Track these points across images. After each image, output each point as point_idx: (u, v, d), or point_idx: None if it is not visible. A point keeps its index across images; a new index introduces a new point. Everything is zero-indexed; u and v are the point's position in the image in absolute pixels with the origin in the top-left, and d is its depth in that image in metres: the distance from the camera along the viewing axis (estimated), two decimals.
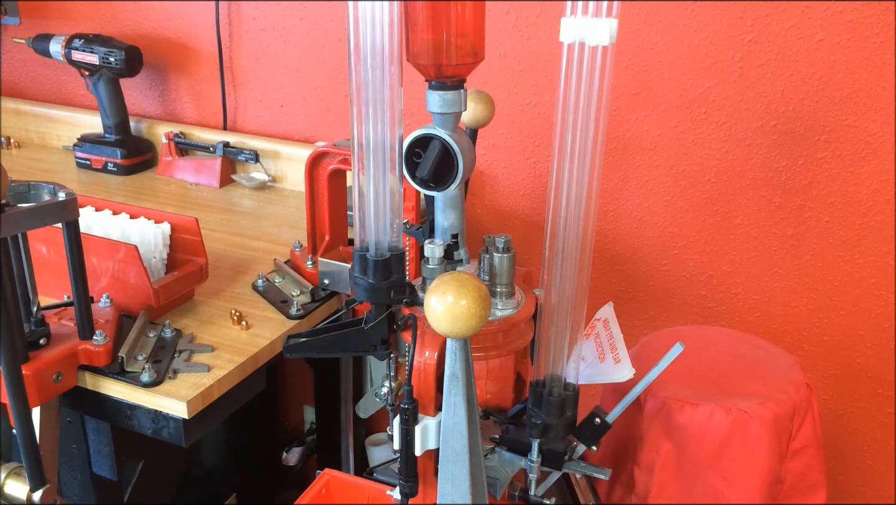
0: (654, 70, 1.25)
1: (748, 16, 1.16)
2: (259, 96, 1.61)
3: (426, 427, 0.72)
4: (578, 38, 0.62)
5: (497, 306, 0.77)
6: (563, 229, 0.69)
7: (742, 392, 0.93)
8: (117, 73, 1.56)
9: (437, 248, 0.72)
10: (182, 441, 0.96)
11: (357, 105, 0.66)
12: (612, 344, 0.79)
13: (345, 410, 1.38)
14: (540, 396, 0.75)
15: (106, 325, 0.99)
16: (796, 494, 0.95)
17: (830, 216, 1.22)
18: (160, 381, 0.96)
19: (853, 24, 1.11)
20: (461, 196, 0.80)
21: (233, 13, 1.56)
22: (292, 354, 0.75)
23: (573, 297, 0.71)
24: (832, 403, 1.32)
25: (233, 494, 1.53)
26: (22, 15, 1.79)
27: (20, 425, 0.86)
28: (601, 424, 0.77)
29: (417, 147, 0.75)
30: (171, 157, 1.61)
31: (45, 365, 0.92)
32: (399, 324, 0.75)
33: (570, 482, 1.00)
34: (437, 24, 0.69)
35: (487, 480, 0.73)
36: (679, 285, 1.36)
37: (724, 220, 1.28)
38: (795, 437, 0.93)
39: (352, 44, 0.64)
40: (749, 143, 1.23)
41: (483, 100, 0.85)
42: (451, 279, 0.60)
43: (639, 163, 1.31)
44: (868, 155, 1.16)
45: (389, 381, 0.82)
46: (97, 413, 1.02)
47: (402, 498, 0.75)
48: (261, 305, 1.15)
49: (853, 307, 1.25)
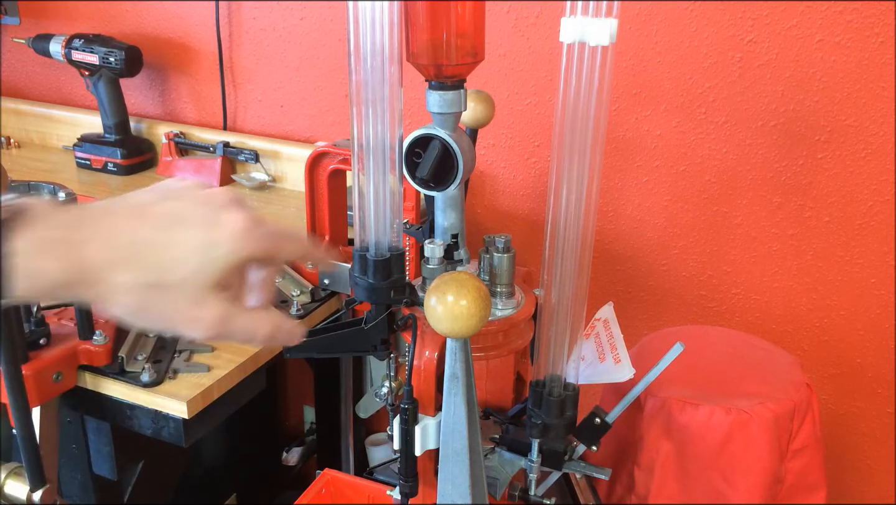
0: (654, 70, 1.24)
1: (748, 16, 1.16)
2: (259, 96, 1.61)
3: (426, 427, 0.72)
4: (578, 38, 0.62)
5: (497, 306, 0.77)
6: (563, 229, 0.69)
7: (742, 392, 0.93)
8: (117, 73, 1.56)
9: (437, 248, 0.72)
10: (182, 441, 0.96)
11: (357, 105, 0.66)
12: (612, 344, 0.78)
13: (345, 410, 1.38)
14: (540, 396, 0.75)
15: (106, 325, 0.99)
16: (796, 494, 0.95)
17: (830, 216, 1.22)
18: (160, 381, 0.96)
19: (853, 24, 1.11)
20: (461, 196, 0.80)
21: (233, 13, 1.56)
22: (292, 354, 0.75)
23: (573, 297, 0.71)
24: (832, 403, 1.32)
25: (233, 494, 1.53)
26: (22, 15, 1.79)
27: (20, 425, 0.86)
28: (601, 424, 0.77)
29: (417, 147, 0.75)
30: (171, 157, 1.61)
31: (45, 365, 0.92)
32: (399, 324, 0.75)
33: (570, 482, 1.00)
34: (437, 24, 0.69)
35: (487, 480, 0.73)
36: (679, 285, 1.35)
37: (724, 221, 1.28)
38: (795, 437, 0.93)
39: (352, 44, 0.64)
40: (749, 143, 1.23)
41: (483, 100, 0.85)
42: (451, 279, 0.60)
43: (639, 163, 1.31)
44: (868, 155, 1.16)
45: (389, 381, 0.81)
46: (97, 413, 1.02)
47: (402, 498, 0.75)
48: None
49: (853, 307, 1.25)
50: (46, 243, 0.43)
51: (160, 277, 0.46)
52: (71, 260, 0.43)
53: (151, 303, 0.46)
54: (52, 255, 0.43)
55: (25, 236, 0.42)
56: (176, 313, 0.47)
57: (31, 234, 0.42)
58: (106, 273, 0.45)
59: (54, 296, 0.45)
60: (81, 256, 0.44)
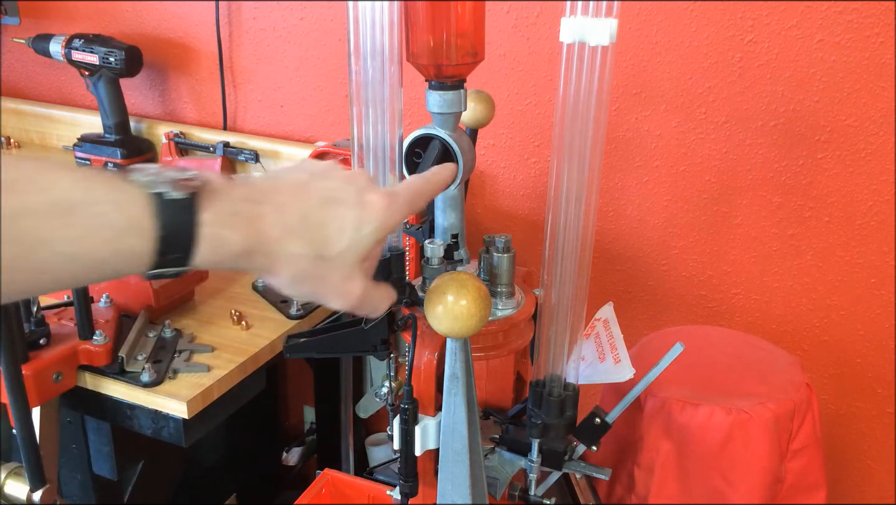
0: (654, 70, 1.24)
1: (748, 16, 1.16)
2: (259, 96, 1.61)
3: (426, 427, 0.72)
4: (578, 38, 0.62)
5: (497, 306, 0.77)
6: (563, 229, 0.69)
7: (742, 392, 0.93)
8: (117, 73, 1.56)
9: (437, 249, 0.72)
10: (182, 441, 0.96)
11: (357, 105, 0.66)
12: (612, 344, 0.78)
13: (345, 410, 1.38)
14: (540, 396, 0.75)
15: (106, 325, 0.99)
16: (796, 494, 0.95)
17: (830, 216, 1.22)
18: (160, 381, 0.96)
19: (853, 24, 1.11)
20: (461, 196, 0.80)
21: (233, 13, 1.56)
22: (292, 354, 0.75)
23: (573, 297, 0.71)
24: (832, 403, 1.32)
25: (233, 494, 1.53)
26: (22, 15, 1.79)
27: (20, 425, 0.87)
28: (601, 424, 0.77)
29: (417, 147, 0.75)
30: (171, 157, 1.61)
31: (45, 365, 0.92)
32: (399, 324, 0.75)
33: (570, 482, 1.00)
34: (437, 24, 0.69)
35: (487, 480, 0.73)
36: (679, 285, 1.35)
37: (724, 221, 1.28)
38: (795, 437, 0.93)
39: (352, 44, 0.64)
40: (749, 143, 1.23)
41: (483, 100, 0.85)
42: (451, 279, 0.60)
43: (639, 163, 1.31)
44: (868, 155, 1.16)
45: (389, 381, 0.81)
46: (97, 413, 1.02)
47: (402, 498, 0.75)
48: (261, 305, 1.15)
49: (853, 307, 1.25)
50: (230, 216, 0.46)
51: (323, 250, 0.50)
52: (251, 232, 0.47)
53: (312, 274, 0.51)
54: (235, 227, 0.46)
55: (212, 209, 0.45)
56: (330, 285, 0.52)
57: (216, 207, 0.45)
58: (280, 244, 0.48)
59: (230, 264, 0.48)
60: (259, 228, 0.47)
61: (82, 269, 0.42)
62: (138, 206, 0.43)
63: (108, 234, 0.42)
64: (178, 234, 0.44)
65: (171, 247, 0.44)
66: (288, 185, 0.51)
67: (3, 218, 0.38)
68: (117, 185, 0.43)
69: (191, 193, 0.44)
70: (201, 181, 0.45)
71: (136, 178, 0.44)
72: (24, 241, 0.39)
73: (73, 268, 0.41)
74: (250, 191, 0.49)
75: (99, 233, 0.41)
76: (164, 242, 0.43)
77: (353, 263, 0.52)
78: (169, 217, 0.43)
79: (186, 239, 0.44)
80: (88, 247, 0.41)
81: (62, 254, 0.40)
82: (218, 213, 0.45)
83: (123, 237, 0.42)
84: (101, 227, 0.41)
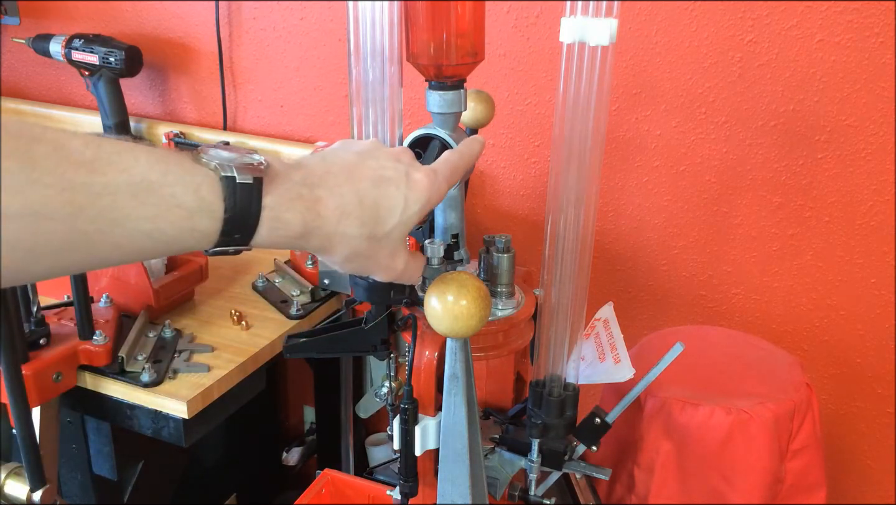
0: (654, 70, 1.24)
1: (748, 16, 1.16)
2: (259, 96, 1.61)
3: (426, 427, 0.72)
4: (578, 38, 0.62)
5: (497, 306, 0.77)
6: (563, 229, 0.69)
7: (742, 392, 0.93)
8: (117, 73, 1.55)
9: (437, 249, 0.72)
10: (182, 441, 0.96)
11: (357, 105, 0.66)
12: (612, 344, 0.79)
13: (345, 410, 1.38)
14: (540, 396, 0.75)
15: (106, 325, 0.99)
16: (796, 494, 0.95)
17: (830, 216, 1.22)
18: (160, 381, 0.96)
19: (853, 24, 1.11)
20: (461, 196, 0.80)
21: (233, 13, 1.56)
22: (292, 354, 0.75)
23: (573, 297, 0.71)
24: (832, 403, 1.32)
25: (233, 494, 1.53)
26: (22, 15, 1.79)
27: (20, 425, 0.87)
28: (601, 424, 0.77)
29: (417, 147, 0.75)
30: None
31: (45, 365, 0.92)
32: (399, 324, 0.75)
33: (570, 482, 1.00)
34: (437, 24, 0.69)
35: (487, 480, 0.73)
36: (679, 285, 1.35)
37: (724, 221, 1.28)
38: (795, 437, 0.93)
39: (352, 44, 0.64)
40: (749, 143, 1.23)
41: (483, 100, 0.85)
42: (451, 279, 0.60)
43: (639, 163, 1.31)
44: (868, 155, 1.16)
45: (389, 381, 0.81)
46: (97, 413, 1.02)
47: (402, 498, 0.75)
48: (261, 305, 1.15)
49: (853, 307, 1.25)
50: (291, 199, 0.48)
51: (375, 229, 0.53)
52: (310, 214, 0.49)
53: (364, 251, 0.53)
54: (295, 210, 0.49)
55: (274, 193, 0.48)
56: (378, 260, 0.55)
57: (278, 190, 0.48)
58: (336, 226, 0.51)
59: (286, 244, 0.50)
60: (317, 210, 0.50)
61: (153, 244, 0.44)
62: (210, 188, 0.45)
63: (180, 214, 0.44)
64: (244, 217, 0.46)
65: (235, 228, 0.46)
66: (339, 168, 0.53)
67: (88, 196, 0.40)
68: (190, 168, 0.45)
69: (256, 177, 0.46)
70: (265, 165, 0.48)
71: (207, 161, 0.46)
72: (105, 217, 0.41)
73: (145, 243, 0.43)
74: (306, 174, 0.51)
75: (173, 212, 0.43)
76: (230, 223, 0.46)
77: (399, 239, 0.55)
78: (237, 200, 0.45)
79: (251, 221, 0.47)
80: (161, 225, 0.43)
81: (137, 231, 0.42)
82: (279, 197, 0.48)
83: (195, 217, 0.44)
84: (175, 207, 0.43)
